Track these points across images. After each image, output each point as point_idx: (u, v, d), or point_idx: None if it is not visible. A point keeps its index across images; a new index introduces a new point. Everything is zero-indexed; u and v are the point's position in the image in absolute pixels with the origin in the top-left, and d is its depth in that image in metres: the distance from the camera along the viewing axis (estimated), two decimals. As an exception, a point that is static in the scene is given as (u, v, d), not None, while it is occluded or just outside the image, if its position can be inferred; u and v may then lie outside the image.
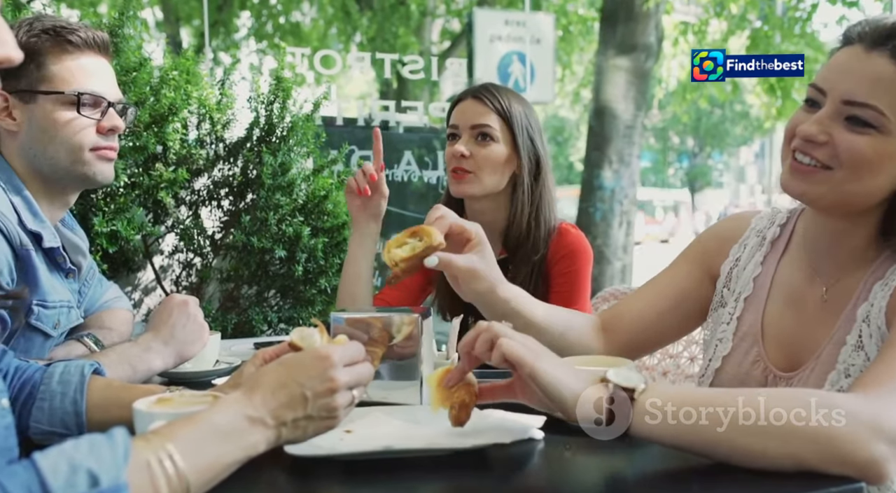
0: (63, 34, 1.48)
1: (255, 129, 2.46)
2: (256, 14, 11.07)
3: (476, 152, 1.80)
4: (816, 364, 1.15)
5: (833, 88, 1.08)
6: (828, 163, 1.08)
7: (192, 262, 2.48)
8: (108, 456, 0.68)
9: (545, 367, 0.95)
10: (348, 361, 0.89)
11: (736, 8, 8.17)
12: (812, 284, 1.22)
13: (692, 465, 1.05)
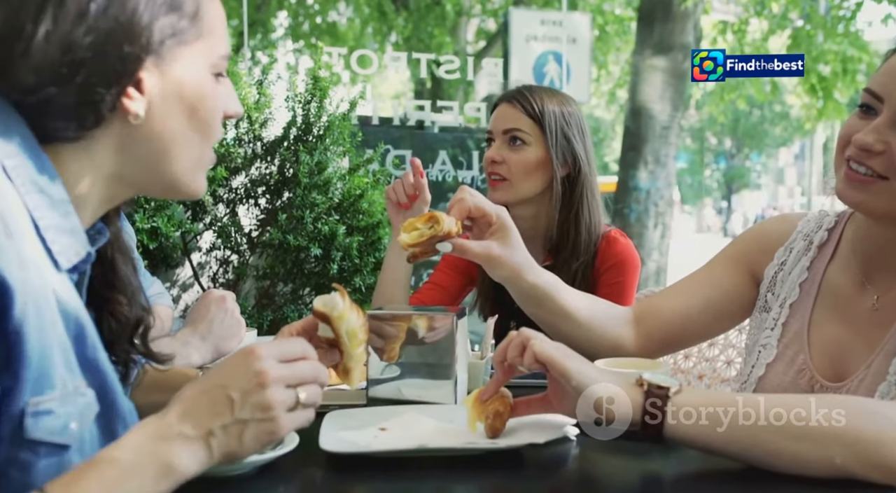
0: None
1: (293, 128, 2.49)
2: (293, 14, 11.17)
3: (508, 157, 1.78)
4: (866, 375, 1.11)
5: (891, 95, 1.04)
6: (884, 173, 1.05)
7: (229, 259, 2.51)
8: None
9: (577, 367, 0.95)
10: (281, 356, 0.78)
11: (777, 6, 8.03)
12: (862, 292, 1.18)
13: (728, 469, 1.04)
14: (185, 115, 0.80)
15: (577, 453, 1.02)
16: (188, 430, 0.72)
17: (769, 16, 8.18)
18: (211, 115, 0.82)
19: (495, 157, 1.78)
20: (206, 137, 0.83)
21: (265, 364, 0.76)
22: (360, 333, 1.01)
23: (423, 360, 1.25)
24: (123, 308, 0.87)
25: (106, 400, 0.76)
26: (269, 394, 0.75)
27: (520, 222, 1.82)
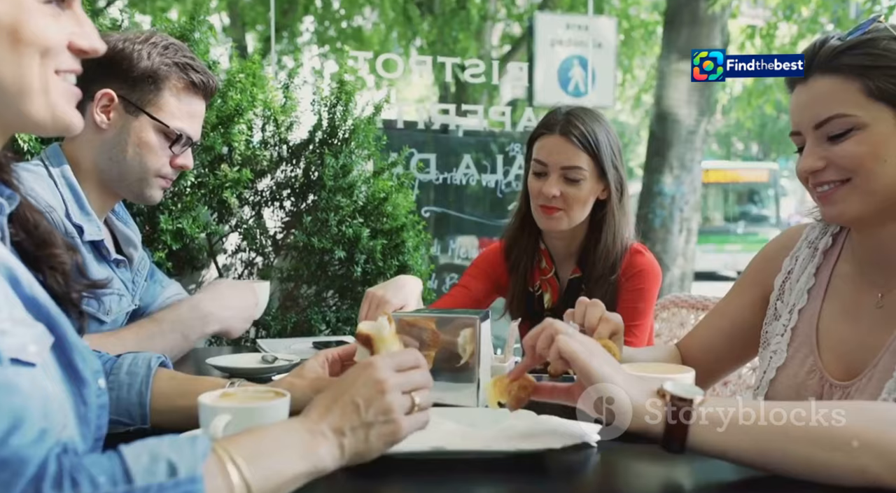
0: (189, 74, 1.61)
1: (318, 131, 2.50)
2: (319, 19, 11.25)
3: (566, 192, 1.81)
4: (874, 373, 1.14)
5: (802, 123, 1.16)
6: (841, 177, 1.13)
7: (254, 261, 2.53)
8: (188, 451, 0.71)
9: (599, 365, 0.95)
10: (396, 366, 0.89)
11: (807, 10, 7.94)
12: (867, 293, 1.21)
13: (752, 477, 1.03)
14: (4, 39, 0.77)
15: (597, 459, 1.02)
16: (325, 429, 0.83)
17: (798, 20, 8.09)
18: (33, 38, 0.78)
19: (555, 192, 1.81)
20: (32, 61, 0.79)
21: (383, 374, 0.86)
22: None
23: (447, 362, 1.25)
24: (61, 256, 0.92)
25: (57, 333, 0.81)
26: (389, 399, 0.85)
27: (555, 242, 1.94)
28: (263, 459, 0.77)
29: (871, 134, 1.10)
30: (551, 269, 1.95)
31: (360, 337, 1.04)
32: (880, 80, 1.09)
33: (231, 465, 0.74)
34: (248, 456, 0.76)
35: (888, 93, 1.09)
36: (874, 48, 1.10)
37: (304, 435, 0.82)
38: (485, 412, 1.17)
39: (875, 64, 1.09)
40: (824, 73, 1.13)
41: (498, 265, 2.02)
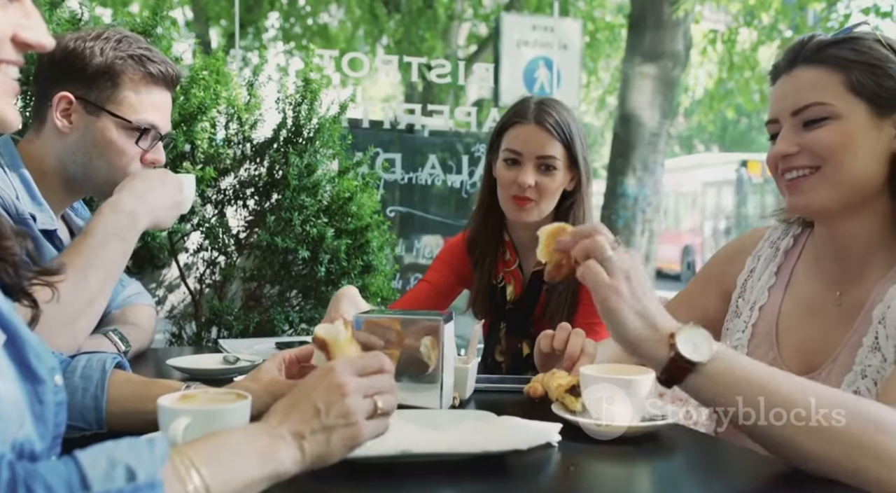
0: (146, 65, 1.55)
1: (282, 130, 2.48)
2: (285, 15, 11.17)
3: (540, 181, 1.80)
4: (833, 367, 1.17)
5: (781, 111, 1.20)
6: (811, 164, 1.16)
7: (217, 260, 2.50)
8: (147, 455, 0.70)
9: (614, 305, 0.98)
10: (358, 370, 0.87)
11: (767, 17, 8.10)
12: (825, 290, 1.25)
13: (714, 474, 1.05)
14: None
15: (558, 458, 1.03)
16: (285, 433, 0.82)
17: (758, 26, 8.25)
18: None
19: (529, 182, 1.79)
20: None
21: (344, 378, 0.85)
22: None
23: (410, 364, 1.25)
24: (12, 247, 0.89)
25: (9, 331, 0.79)
26: (349, 403, 0.84)
27: (520, 233, 1.91)
28: (223, 463, 0.76)
29: (846, 125, 1.14)
30: (515, 261, 1.93)
31: (317, 342, 1.03)
32: (861, 75, 1.14)
33: (191, 470, 0.73)
34: (208, 461, 0.75)
35: (866, 88, 1.14)
36: (859, 45, 1.16)
37: (265, 439, 0.81)
38: (448, 414, 1.18)
39: (858, 59, 1.15)
40: (809, 64, 1.18)
41: (462, 257, 2.00)
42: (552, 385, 1.24)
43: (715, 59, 9.28)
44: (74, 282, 1.34)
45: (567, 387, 1.22)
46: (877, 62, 1.14)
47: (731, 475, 1.05)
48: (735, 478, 1.03)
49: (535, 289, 1.87)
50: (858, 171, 1.14)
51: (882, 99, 1.14)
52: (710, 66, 10.36)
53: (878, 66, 1.14)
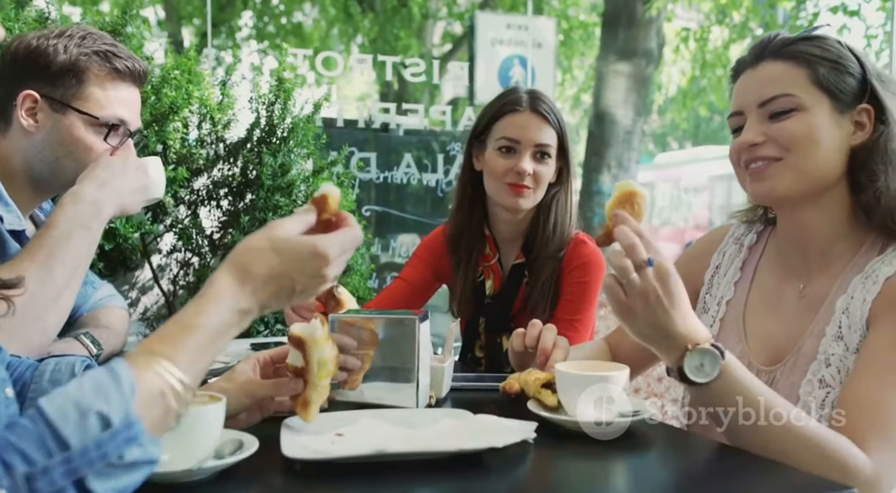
0: (112, 61, 1.52)
1: (256, 129, 2.47)
2: (259, 14, 11.08)
3: (536, 169, 1.78)
4: (798, 357, 1.20)
5: (746, 103, 1.23)
6: (776, 154, 1.19)
7: (190, 261, 2.48)
8: (115, 395, 0.68)
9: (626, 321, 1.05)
10: (342, 253, 0.88)
11: (738, 15, 8.19)
12: (789, 282, 1.28)
13: (683, 471, 1.06)
14: None
15: (534, 455, 1.03)
16: (256, 309, 0.83)
17: (730, 24, 8.34)
18: None
19: (529, 170, 1.76)
20: None
21: (330, 269, 0.86)
22: (331, 365, 1.03)
23: (386, 363, 1.25)
24: None
25: None
26: (325, 285, 0.87)
27: (501, 227, 1.88)
28: (200, 358, 0.77)
29: (811, 117, 1.17)
30: (495, 255, 1.90)
31: (293, 339, 1.03)
32: (825, 71, 1.18)
33: (176, 382, 0.73)
34: (188, 365, 0.75)
35: (830, 83, 1.18)
36: (823, 43, 1.21)
37: (235, 318, 0.81)
38: (424, 413, 1.18)
39: (823, 55, 1.19)
40: (775, 58, 1.22)
41: (440, 253, 1.97)
42: (529, 380, 1.25)
43: (687, 57, 9.37)
44: (40, 277, 1.31)
45: (543, 382, 1.23)
46: (839, 60, 1.19)
47: (702, 468, 1.06)
48: (706, 471, 1.05)
49: (514, 283, 1.86)
50: (821, 162, 1.18)
51: (843, 95, 1.18)
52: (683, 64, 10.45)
53: (840, 64, 1.19)
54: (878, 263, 1.16)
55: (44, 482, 0.62)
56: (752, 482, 0.95)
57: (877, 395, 1.05)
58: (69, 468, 0.63)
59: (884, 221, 1.18)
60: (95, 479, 0.65)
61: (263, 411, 1.13)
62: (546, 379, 1.23)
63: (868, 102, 1.19)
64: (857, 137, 1.19)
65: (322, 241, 0.86)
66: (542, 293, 1.81)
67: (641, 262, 1.01)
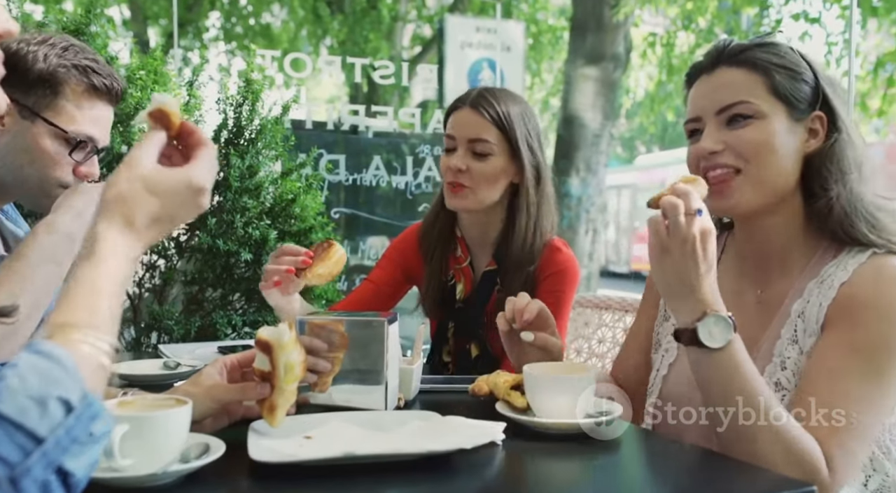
0: (90, 76, 1.49)
1: (223, 130, 2.45)
2: (226, 15, 10.99)
3: (473, 167, 1.72)
4: (756, 359, 1.21)
5: (704, 109, 1.23)
6: (735, 163, 1.20)
7: (156, 264, 2.45)
8: (65, 377, 0.68)
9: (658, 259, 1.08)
10: (213, 176, 0.89)
11: (703, 21, 8.31)
12: (748, 287, 1.30)
13: (650, 471, 1.07)
14: None
15: (503, 456, 1.04)
16: (143, 250, 0.84)
17: (696, 30, 8.45)
18: None
19: (460, 166, 1.71)
20: None
21: (208, 198, 0.88)
22: (298, 369, 1.03)
23: (354, 365, 1.25)
24: None
25: None
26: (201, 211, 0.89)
27: (471, 229, 1.84)
28: (114, 314, 0.77)
29: (769, 125, 1.18)
30: (466, 258, 1.86)
31: (260, 343, 1.03)
32: (781, 78, 1.19)
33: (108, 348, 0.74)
34: (109, 327, 0.76)
35: (785, 91, 1.19)
36: (778, 50, 1.22)
37: (131, 267, 0.82)
38: (393, 416, 1.18)
39: (779, 63, 1.20)
40: (731, 65, 1.22)
41: (411, 252, 1.93)
42: (498, 382, 1.25)
43: (654, 61, 9.47)
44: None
45: (513, 383, 1.23)
46: (794, 67, 1.20)
47: (668, 467, 1.07)
48: (673, 469, 1.06)
49: (486, 289, 1.81)
50: (779, 171, 1.19)
51: (798, 102, 1.20)
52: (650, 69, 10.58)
53: (795, 71, 1.20)
54: (833, 267, 1.18)
55: (28, 481, 0.62)
56: (719, 480, 0.97)
57: (830, 399, 1.08)
58: (48, 461, 0.64)
59: (835, 229, 1.19)
60: (72, 460, 0.65)
61: (231, 415, 1.12)
62: (515, 381, 1.24)
63: (821, 109, 1.20)
64: (811, 144, 1.21)
65: (195, 172, 0.86)
66: None
67: (692, 209, 1.05)
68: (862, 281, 1.13)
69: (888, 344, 1.09)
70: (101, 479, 0.86)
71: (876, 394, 1.09)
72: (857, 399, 1.07)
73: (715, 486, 0.96)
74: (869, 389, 1.08)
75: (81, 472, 0.66)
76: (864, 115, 7.80)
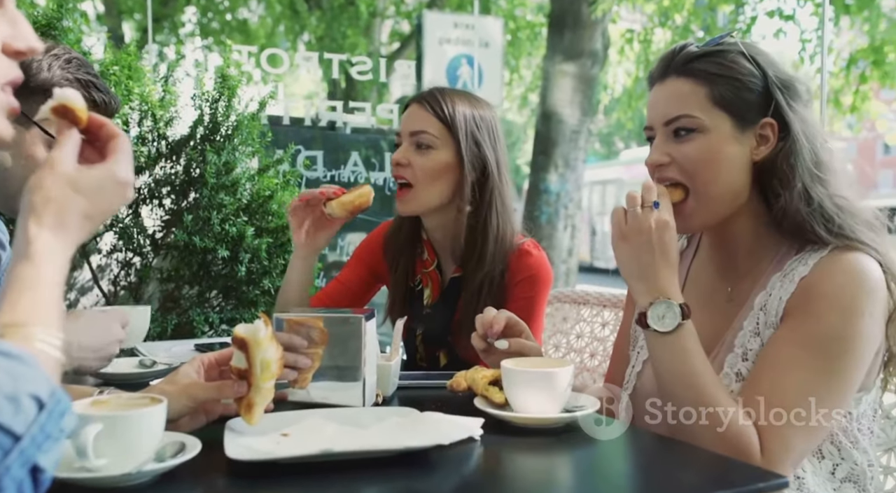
0: (91, 92, 1.49)
1: (199, 127, 2.42)
2: (202, 10, 10.89)
3: (414, 160, 1.68)
4: (720, 350, 1.25)
5: (655, 119, 1.26)
6: (681, 178, 1.23)
7: (132, 261, 2.43)
8: (31, 373, 0.67)
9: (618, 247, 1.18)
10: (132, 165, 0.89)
11: (680, 18, 8.37)
12: (719, 284, 1.33)
13: (626, 463, 1.08)
14: None
15: (481, 452, 1.04)
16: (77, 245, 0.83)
17: (672, 26, 8.51)
18: None
19: (400, 159, 1.69)
20: None
21: (132, 190, 0.88)
22: (274, 366, 1.02)
23: (332, 362, 1.25)
24: None
25: None
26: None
27: (432, 233, 1.79)
28: (59, 308, 0.77)
29: (712, 139, 1.20)
30: (433, 262, 1.80)
31: (236, 341, 1.02)
32: (723, 88, 1.20)
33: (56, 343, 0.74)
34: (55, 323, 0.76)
35: (728, 100, 1.20)
36: (723, 59, 1.22)
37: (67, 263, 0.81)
38: (371, 412, 1.17)
39: (721, 73, 1.21)
40: (679, 75, 1.24)
41: (380, 252, 1.89)
42: (476, 378, 1.25)
43: (632, 57, 9.52)
44: None
45: (491, 379, 1.24)
46: (738, 76, 1.21)
47: (643, 459, 1.08)
48: (648, 461, 1.07)
49: (453, 296, 1.77)
50: (726, 184, 1.22)
51: (742, 111, 1.21)
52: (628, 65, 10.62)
53: (738, 80, 1.21)
54: (796, 262, 1.19)
55: (8, 480, 0.62)
56: (694, 472, 0.98)
57: (771, 390, 1.11)
58: (25, 458, 0.63)
59: (792, 230, 1.21)
60: (44, 457, 0.65)
61: (209, 414, 1.11)
62: (493, 376, 1.24)
63: (772, 116, 1.21)
64: (761, 151, 1.21)
65: (118, 167, 0.87)
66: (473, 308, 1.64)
67: (649, 202, 1.16)
68: (820, 274, 1.15)
69: (841, 335, 1.11)
70: (75, 479, 0.86)
71: (825, 386, 1.11)
72: (803, 391, 1.09)
73: (690, 477, 0.97)
74: (818, 380, 1.10)
75: (52, 468, 0.66)
76: (837, 111, 7.91)
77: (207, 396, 1.07)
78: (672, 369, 1.15)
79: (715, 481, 0.95)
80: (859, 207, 1.21)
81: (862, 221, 1.19)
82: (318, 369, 1.24)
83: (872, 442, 1.23)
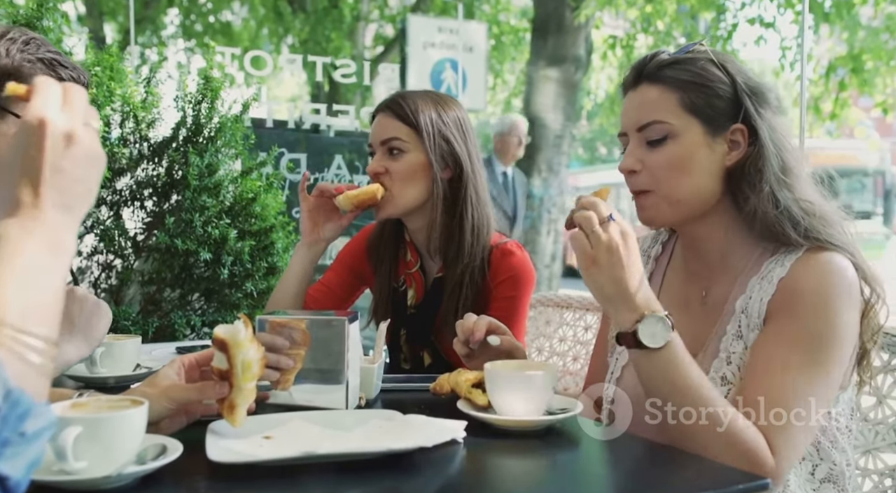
0: (57, 69, 1.45)
1: (182, 128, 2.41)
2: (185, 12, 10.83)
3: (390, 167, 1.71)
4: (704, 356, 1.25)
5: (628, 125, 1.28)
6: (649, 186, 1.25)
7: (113, 264, 2.41)
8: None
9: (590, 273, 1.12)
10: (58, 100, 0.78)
11: (662, 24, 8.43)
12: (694, 288, 1.34)
13: (610, 466, 1.09)
14: None
15: (464, 454, 1.04)
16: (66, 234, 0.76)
17: (654, 32, 8.57)
18: None
19: (377, 169, 1.72)
20: None
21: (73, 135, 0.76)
22: (255, 367, 1.02)
23: (315, 365, 1.24)
24: None
25: None
26: None
27: (416, 235, 1.80)
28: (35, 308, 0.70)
29: (683, 144, 1.22)
30: (416, 262, 1.82)
31: (216, 341, 1.02)
32: (694, 95, 1.22)
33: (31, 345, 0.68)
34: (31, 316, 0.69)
35: (698, 107, 1.22)
36: (693, 66, 1.24)
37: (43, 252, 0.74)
38: (354, 414, 1.17)
39: (691, 80, 1.23)
40: (651, 82, 1.26)
41: (363, 255, 1.91)
42: (459, 381, 1.26)
43: (615, 63, 9.58)
44: None
45: (474, 381, 1.24)
46: (708, 83, 1.23)
47: (628, 463, 1.09)
48: (633, 465, 1.08)
49: (437, 296, 1.77)
50: (693, 189, 1.23)
51: (713, 118, 1.22)
52: (611, 71, 10.70)
53: (708, 87, 1.23)
54: (773, 263, 1.21)
55: None
56: (675, 474, 0.99)
57: (773, 392, 1.11)
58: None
59: (764, 233, 1.23)
60: (4, 464, 0.61)
61: (189, 415, 1.10)
62: (476, 379, 1.24)
63: (742, 122, 1.22)
64: (732, 156, 1.23)
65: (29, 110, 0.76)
66: (463, 309, 1.64)
67: (603, 217, 1.11)
68: (798, 274, 1.17)
69: (824, 333, 1.13)
70: (55, 482, 0.85)
71: (817, 384, 1.12)
72: (800, 391, 1.11)
73: (672, 479, 0.98)
74: (810, 379, 1.12)
75: (19, 474, 0.62)
76: (816, 118, 7.99)
77: (188, 397, 1.07)
78: (670, 385, 1.11)
79: (696, 482, 0.96)
80: (826, 209, 1.22)
81: (829, 223, 1.21)
82: (301, 372, 1.23)
83: (850, 441, 1.25)
